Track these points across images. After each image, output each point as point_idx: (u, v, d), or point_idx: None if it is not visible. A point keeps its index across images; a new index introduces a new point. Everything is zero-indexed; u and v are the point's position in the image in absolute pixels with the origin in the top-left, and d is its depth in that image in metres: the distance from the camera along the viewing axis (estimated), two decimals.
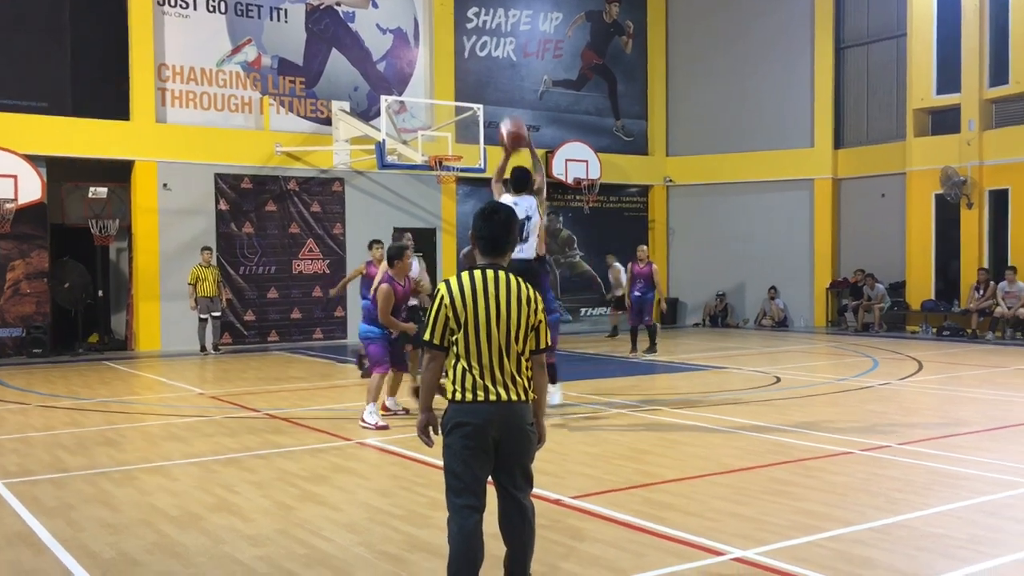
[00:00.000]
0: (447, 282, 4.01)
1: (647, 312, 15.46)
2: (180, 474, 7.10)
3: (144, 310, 17.14)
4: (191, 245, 17.20)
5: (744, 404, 10.29)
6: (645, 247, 16.16)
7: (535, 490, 4.24)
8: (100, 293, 17.32)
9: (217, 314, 16.88)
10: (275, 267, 18.37)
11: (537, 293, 4.08)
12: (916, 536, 5.28)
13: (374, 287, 9.29)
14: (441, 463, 4.02)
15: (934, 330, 19.12)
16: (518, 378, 3.97)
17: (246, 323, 18.09)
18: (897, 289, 20.42)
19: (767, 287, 22.05)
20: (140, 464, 7.48)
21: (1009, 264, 18.31)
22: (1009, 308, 17.90)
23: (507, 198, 8.65)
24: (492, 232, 4.09)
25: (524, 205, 8.61)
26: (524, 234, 8.51)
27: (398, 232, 19.07)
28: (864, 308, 20.14)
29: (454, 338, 3.93)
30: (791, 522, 5.55)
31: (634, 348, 15.53)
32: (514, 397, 3.94)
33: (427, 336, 3.97)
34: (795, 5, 22.03)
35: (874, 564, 4.80)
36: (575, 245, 22.17)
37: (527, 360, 4.02)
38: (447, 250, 20.07)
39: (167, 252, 17.22)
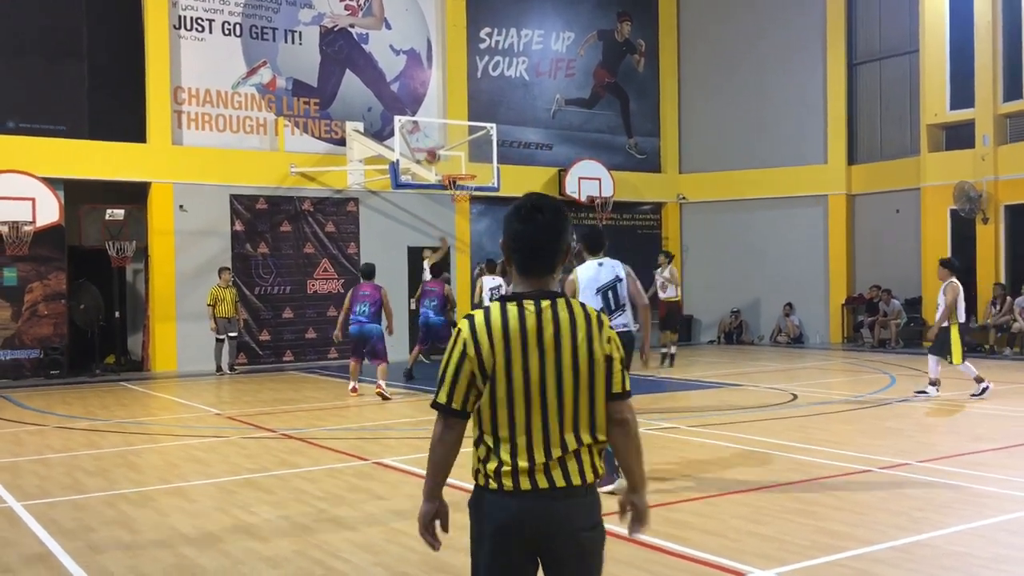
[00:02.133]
0: (470, 318, 2.75)
1: None
2: (198, 495, 7.11)
3: (160, 331, 17.22)
4: (207, 266, 17.30)
5: (761, 422, 10.24)
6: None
7: None
8: (117, 314, 17.42)
9: (234, 334, 16.97)
10: (290, 287, 18.44)
11: (605, 318, 2.83)
12: (939, 555, 5.23)
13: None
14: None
15: None
16: (580, 450, 2.74)
17: (261, 343, 18.14)
18: (913, 305, 20.29)
19: (782, 304, 21.97)
20: (158, 485, 7.51)
21: None
22: None
23: (589, 265, 7.55)
24: (534, 238, 2.76)
25: (610, 265, 7.56)
26: (620, 300, 7.59)
27: (414, 251, 19.20)
28: (880, 324, 20.03)
29: (479, 400, 2.74)
30: (812, 541, 5.51)
31: None
32: (575, 481, 2.73)
33: (443, 398, 2.74)
34: (806, 22, 22.05)
35: None
36: None
37: (601, 414, 2.77)
38: (461, 269, 20.12)
39: (183, 273, 17.31)
